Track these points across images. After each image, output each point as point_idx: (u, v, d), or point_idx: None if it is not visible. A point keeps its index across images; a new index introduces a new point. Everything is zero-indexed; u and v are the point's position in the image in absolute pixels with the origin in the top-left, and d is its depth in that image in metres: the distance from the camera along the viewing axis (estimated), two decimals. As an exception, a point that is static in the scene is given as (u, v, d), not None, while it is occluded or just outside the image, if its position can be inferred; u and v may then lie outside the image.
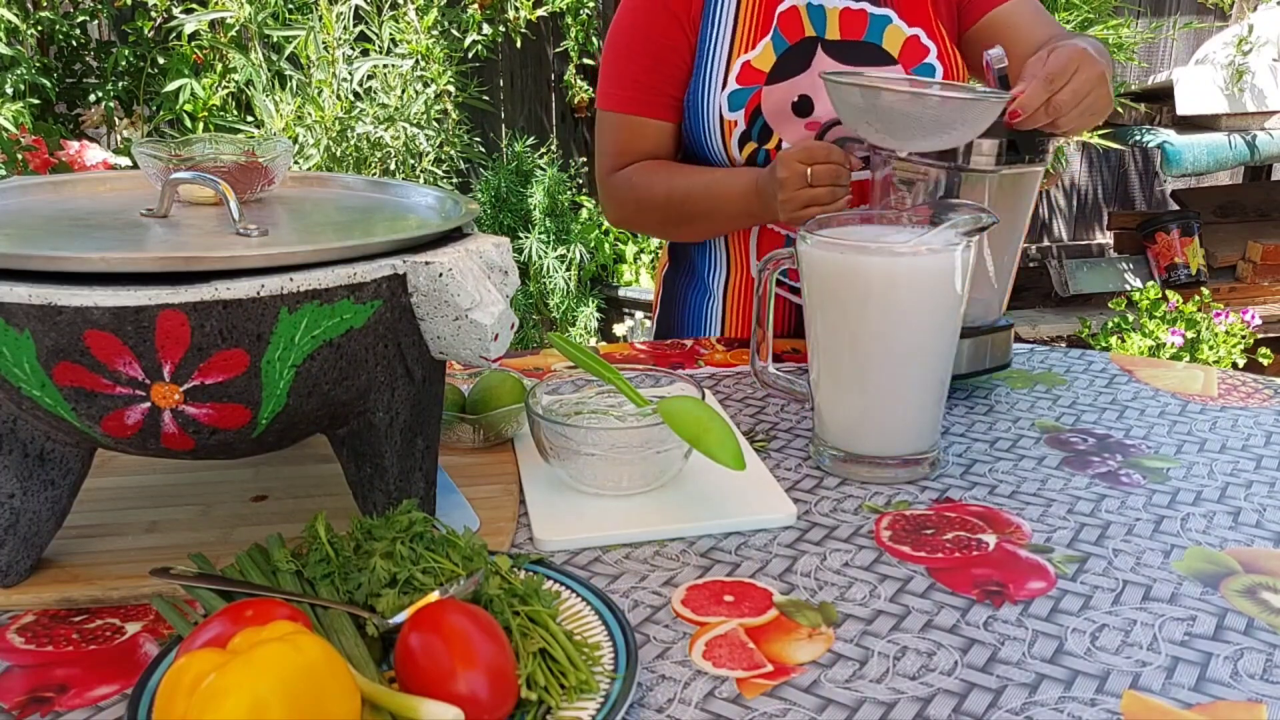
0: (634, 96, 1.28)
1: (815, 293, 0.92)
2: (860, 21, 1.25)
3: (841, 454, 0.94)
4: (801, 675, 0.66)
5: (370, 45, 2.79)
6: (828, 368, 0.93)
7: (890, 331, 0.89)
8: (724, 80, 1.24)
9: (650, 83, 1.27)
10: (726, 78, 1.24)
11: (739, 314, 1.38)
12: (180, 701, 0.51)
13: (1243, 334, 3.23)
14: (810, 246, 0.91)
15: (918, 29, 1.27)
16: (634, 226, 1.39)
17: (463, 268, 0.70)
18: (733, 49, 1.24)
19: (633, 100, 1.28)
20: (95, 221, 0.77)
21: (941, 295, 0.89)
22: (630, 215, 1.34)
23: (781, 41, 1.24)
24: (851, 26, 1.25)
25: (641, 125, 1.29)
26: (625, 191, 1.31)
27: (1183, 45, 4.13)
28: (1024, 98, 0.99)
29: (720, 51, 1.25)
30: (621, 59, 1.29)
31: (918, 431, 0.93)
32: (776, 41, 1.24)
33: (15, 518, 0.71)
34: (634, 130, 1.30)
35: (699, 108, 1.26)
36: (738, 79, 1.24)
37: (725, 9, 1.25)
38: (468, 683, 0.57)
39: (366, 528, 0.70)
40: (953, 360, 0.94)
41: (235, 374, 0.65)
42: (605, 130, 1.33)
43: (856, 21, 1.25)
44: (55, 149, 2.37)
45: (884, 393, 0.91)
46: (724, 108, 1.24)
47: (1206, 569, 0.78)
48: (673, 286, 1.45)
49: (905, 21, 1.26)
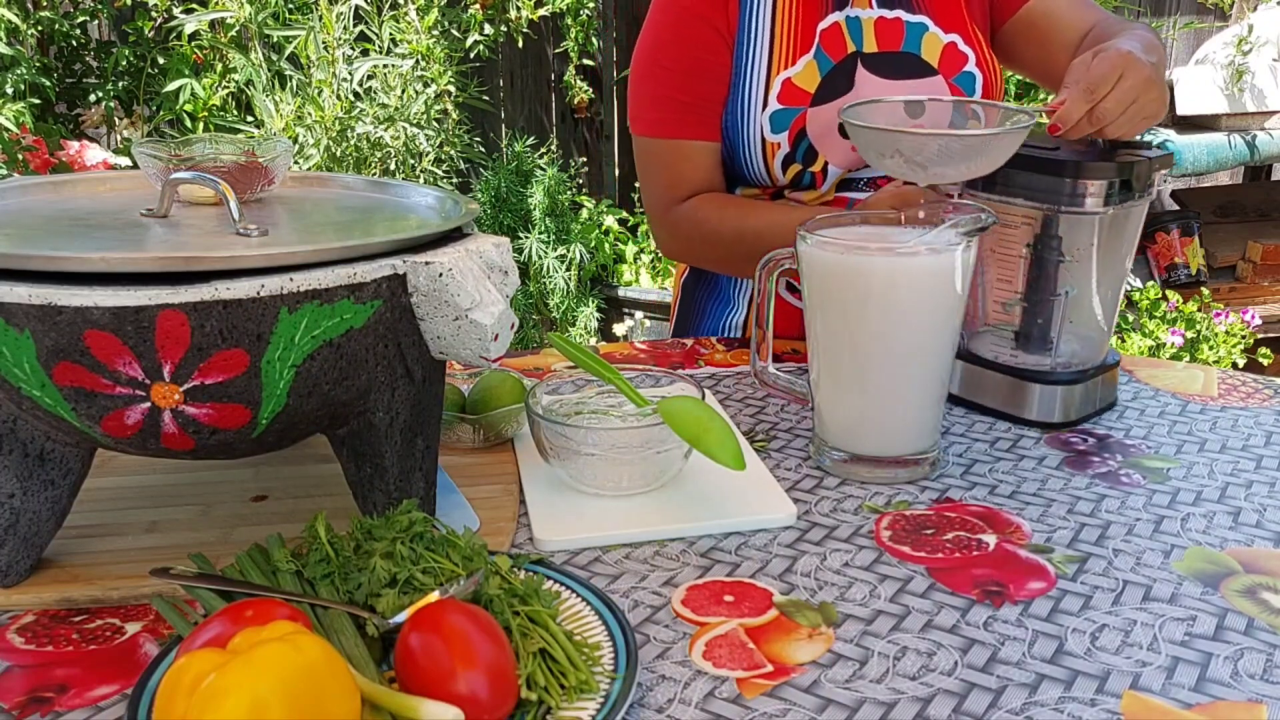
0: (674, 118, 1.22)
1: (815, 293, 0.92)
2: (897, 31, 1.21)
3: (842, 454, 0.94)
4: (801, 675, 0.66)
5: (370, 45, 2.79)
6: (828, 368, 0.93)
7: (890, 331, 0.89)
8: (764, 100, 1.19)
9: (688, 101, 1.22)
10: (767, 97, 1.19)
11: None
12: (180, 701, 0.51)
13: (1243, 334, 3.23)
14: (810, 246, 0.91)
15: (954, 35, 1.23)
16: (693, 261, 1.34)
17: (463, 268, 0.70)
18: (771, 64, 1.20)
19: (673, 122, 1.23)
20: (95, 221, 0.77)
21: (941, 295, 0.89)
22: (694, 250, 1.29)
23: (826, 61, 1.19)
24: (888, 37, 1.21)
25: (687, 150, 1.23)
26: (690, 227, 1.25)
27: (1183, 45, 4.13)
28: (1064, 110, 0.95)
29: (759, 66, 1.20)
30: (655, 78, 1.23)
31: (918, 431, 0.93)
32: (821, 61, 1.19)
33: (15, 518, 0.71)
34: (681, 155, 1.24)
35: (739, 128, 1.21)
36: (779, 98, 1.19)
37: (761, 20, 1.20)
38: (468, 683, 0.57)
39: (366, 528, 0.70)
40: (953, 360, 0.94)
41: (235, 374, 0.65)
42: (650, 159, 1.27)
43: (893, 31, 1.21)
44: (55, 149, 2.37)
45: (884, 393, 0.91)
46: (766, 129, 1.19)
47: (1206, 569, 0.78)
48: (692, 296, 1.42)
49: (941, 28, 1.23)
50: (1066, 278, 1.02)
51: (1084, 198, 0.96)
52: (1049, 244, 1.01)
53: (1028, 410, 1.04)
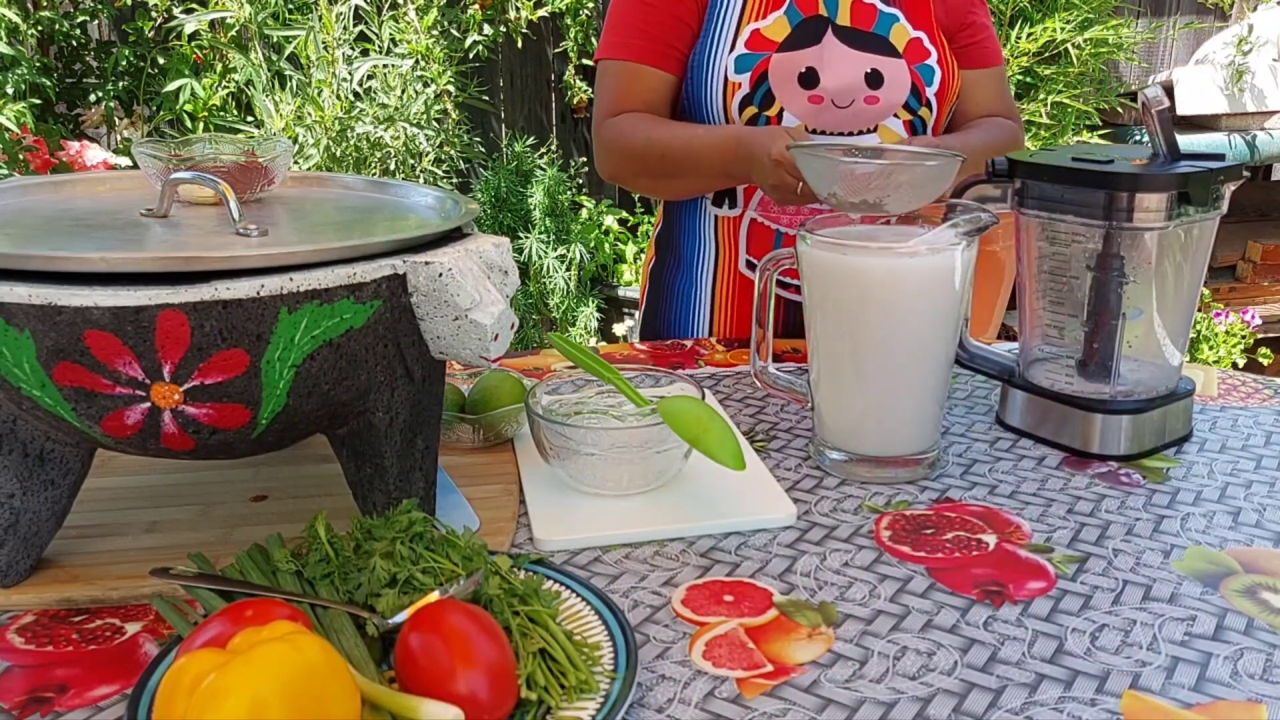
0: (636, 44, 1.28)
1: (815, 292, 0.92)
2: (870, 14, 1.27)
3: (842, 454, 0.94)
4: (801, 675, 0.66)
5: (370, 45, 2.79)
6: (828, 368, 0.93)
7: (890, 333, 0.89)
8: (732, 44, 1.25)
9: (654, 34, 1.27)
10: (735, 42, 1.25)
11: (728, 309, 1.38)
12: (180, 701, 0.51)
13: (1243, 334, 3.23)
14: (810, 247, 0.91)
15: (921, 32, 1.29)
16: (621, 179, 1.36)
17: (463, 268, 0.70)
18: (743, 16, 1.26)
19: (634, 48, 1.28)
20: (95, 221, 0.77)
21: (941, 295, 0.89)
22: (616, 165, 1.32)
23: (795, 14, 1.25)
24: (861, 17, 1.27)
25: (640, 73, 1.29)
26: (614, 140, 1.30)
27: (1183, 45, 4.13)
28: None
29: (730, 17, 1.26)
30: (627, 11, 1.29)
31: (918, 431, 0.93)
32: (790, 14, 1.25)
33: (15, 518, 0.71)
34: (632, 77, 1.29)
35: (703, 66, 1.26)
36: (746, 44, 1.25)
37: None
38: (468, 683, 0.57)
39: (366, 528, 0.70)
40: (952, 360, 0.94)
41: (235, 374, 0.65)
42: (604, 79, 1.32)
43: (866, 13, 1.27)
44: (55, 149, 2.37)
45: (884, 393, 0.91)
46: (730, 69, 1.25)
47: (1206, 569, 0.78)
48: (659, 280, 1.45)
49: (910, 23, 1.28)
50: (1129, 299, 0.97)
51: (1142, 212, 0.92)
52: (1109, 263, 0.96)
53: (1090, 443, 0.97)
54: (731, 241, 1.35)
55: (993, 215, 0.89)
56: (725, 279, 1.37)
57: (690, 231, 1.39)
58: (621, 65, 1.30)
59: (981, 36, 1.35)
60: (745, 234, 1.33)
